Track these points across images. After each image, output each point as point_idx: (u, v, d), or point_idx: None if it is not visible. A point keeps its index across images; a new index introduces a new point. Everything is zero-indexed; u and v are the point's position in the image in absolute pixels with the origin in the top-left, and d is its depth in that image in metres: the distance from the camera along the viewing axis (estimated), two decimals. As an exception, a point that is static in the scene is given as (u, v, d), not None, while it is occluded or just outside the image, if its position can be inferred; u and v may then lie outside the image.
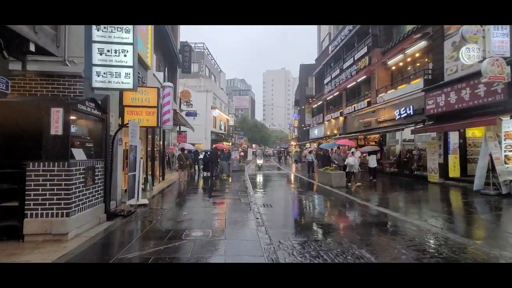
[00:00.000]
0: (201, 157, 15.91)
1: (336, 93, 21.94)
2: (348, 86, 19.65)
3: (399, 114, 13.21)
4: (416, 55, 13.27)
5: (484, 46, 7.96)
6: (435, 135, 11.49)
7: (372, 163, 11.96)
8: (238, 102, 71.74)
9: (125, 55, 5.43)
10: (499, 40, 7.87)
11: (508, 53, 7.85)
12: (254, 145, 57.24)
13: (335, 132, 22.24)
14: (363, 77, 17.14)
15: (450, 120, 10.16)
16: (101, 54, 5.36)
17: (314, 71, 29.51)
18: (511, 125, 8.50)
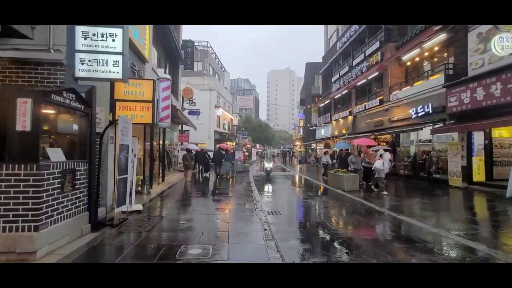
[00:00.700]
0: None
1: (345, 91, 21.02)
2: (358, 84, 18.72)
3: (416, 113, 12.28)
4: (435, 49, 12.32)
5: (521, 35, 7.08)
6: (456, 135, 10.58)
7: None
8: (242, 102, 71.07)
9: (113, 40, 4.67)
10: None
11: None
12: (258, 145, 56.47)
13: (343, 132, 21.32)
14: (375, 73, 16.22)
15: (475, 118, 9.22)
16: (85, 38, 4.62)
17: (321, 69, 28.58)
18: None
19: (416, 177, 12.61)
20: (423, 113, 11.89)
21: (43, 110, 3.61)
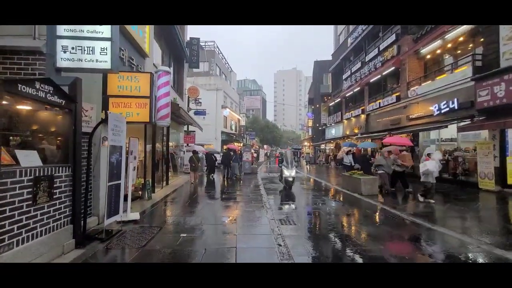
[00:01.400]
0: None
1: (357, 89, 20.03)
2: (371, 80, 17.73)
3: (439, 109, 11.28)
4: (459, 40, 11.30)
5: None
6: (487, 133, 9.56)
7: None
8: (249, 103, 70.41)
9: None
10: None
11: None
12: (265, 146, 55.64)
13: (355, 131, 20.33)
14: (391, 68, 15.23)
15: (510, 114, 8.23)
16: (68, 22, 3.97)
17: (331, 67, 27.62)
18: None
19: (439, 179, 11.53)
20: (447, 109, 10.89)
21: (5, 103, 2.94)
